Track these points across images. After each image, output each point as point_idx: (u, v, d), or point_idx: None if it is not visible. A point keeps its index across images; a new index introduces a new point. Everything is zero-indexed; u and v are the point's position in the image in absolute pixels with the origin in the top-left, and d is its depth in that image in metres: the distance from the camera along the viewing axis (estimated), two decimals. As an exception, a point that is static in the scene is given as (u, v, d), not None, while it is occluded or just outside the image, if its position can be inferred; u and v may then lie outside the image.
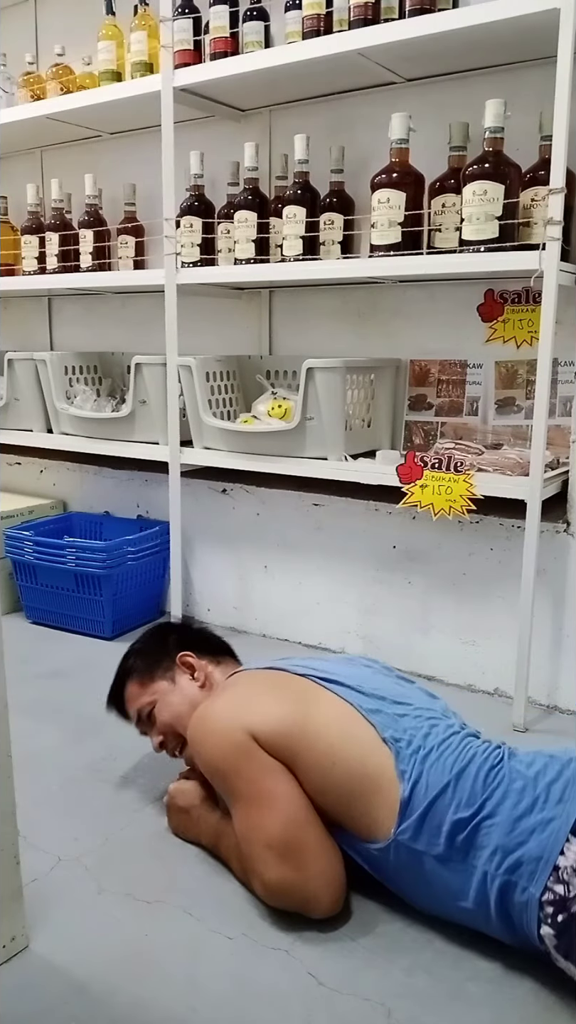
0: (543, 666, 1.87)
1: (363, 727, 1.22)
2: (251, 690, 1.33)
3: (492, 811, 1.10)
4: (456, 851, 1.11)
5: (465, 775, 1.14)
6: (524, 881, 1.05)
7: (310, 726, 1.22)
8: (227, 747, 1.21)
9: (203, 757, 1.26)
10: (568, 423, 1.85)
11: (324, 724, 1.22)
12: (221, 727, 1.24)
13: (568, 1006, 1.05)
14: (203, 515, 2.40)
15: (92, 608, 2.31)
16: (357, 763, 1.18)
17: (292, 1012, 1.04)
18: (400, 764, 1.16)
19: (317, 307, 2.28)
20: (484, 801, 1.11)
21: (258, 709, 1.25)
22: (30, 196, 2.56)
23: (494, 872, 1.08)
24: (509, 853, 1.07)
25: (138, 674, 1.46)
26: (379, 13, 1.78)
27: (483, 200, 1.66)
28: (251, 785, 1.19)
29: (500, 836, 1.08)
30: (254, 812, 1.19)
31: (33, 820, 1.39)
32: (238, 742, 1.20)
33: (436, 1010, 1.05)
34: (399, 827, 1.14)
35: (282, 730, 1.21)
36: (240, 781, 1.20)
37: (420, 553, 2.03)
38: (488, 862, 1.08)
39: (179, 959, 1.13)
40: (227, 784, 1.23)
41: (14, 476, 2.90)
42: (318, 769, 1.19)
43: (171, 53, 2.04)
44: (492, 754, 1.18)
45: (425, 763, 1.16)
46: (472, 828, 1.10)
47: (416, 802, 1.13)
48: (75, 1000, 1.06)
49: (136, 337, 2.67)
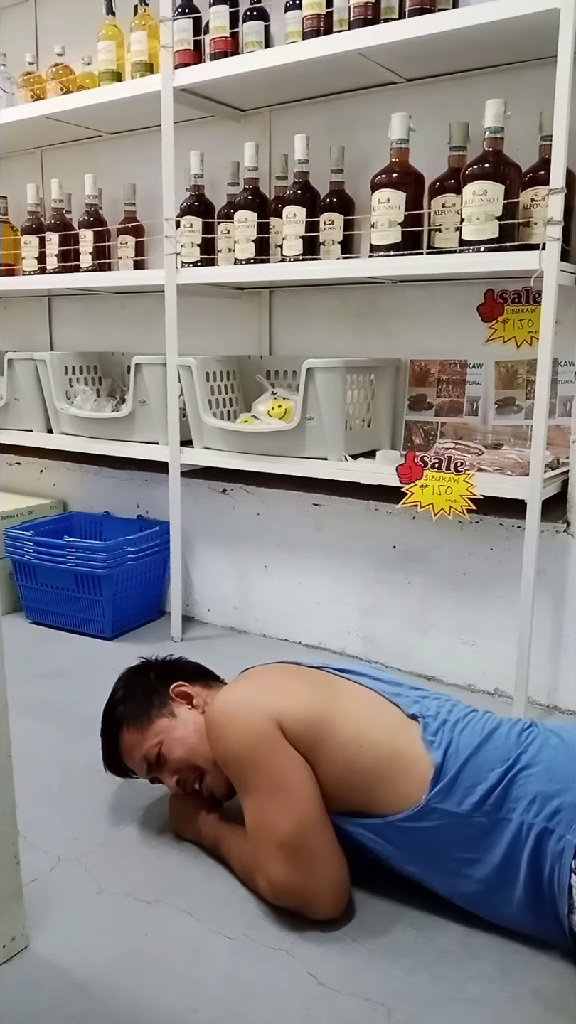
0: (543, 666, 1.87)
1: (387, 708, 1.24)
2: (273, 678, 1.32)
3: (529, 762, 1.13)
4: (491, 806, 1.11)
5: (496, 735, 1.19)
6: (562, 828, 1.07)
7: (337, 710, 1.21)
8: (251, 736, 1.18)
9: (224, 744, 1.22)
10: (568, 423, 1.85)
11: (350, 708, 1.23)
12: (246, 713, 1.21)
13: (568, 1006, 1.05)
14: (203, 515, 2.40)
15: (92, 608, 2.31)
16: (386, 743, 1.19)
17: (292, 1012, 1.04)
18: (428, 735, 1.18)
19: (317, 307, 2.28)
20: (519, 755, 1.14)
21: (284, 695, 1.23)
22: (30, 196, 2.56)
23: (531, 820, 1.09)
24: (548, 800, 1.09)
25: (133, 720, 1.35)
26: (379, 13, 1.78)
27: (483, 200, 1.66)
28: (270, 779, 1.18)
29: (539, 783, 1.11)
30: (268, 808, 1.17)
31: (33, 820, 1.40)
32: (263, 731, 1.18)
33: (436, 1010, 1.05)
34: (432, 791, 1.14)
35: (310, 716, 1.20)
36: (259, 773, 1.18)
37: (420, 553, 2.03)
38: (525, 811, 1.10)
39: (179, 959, 1.13)
40: (244, 774, 1.20)
41: (14, 476, 2.90)
42: (345, 753, 1.18)
43: (171, 53, 2.04)
44: (519, 722, 1.23)
45: (454, 731, 1.19)
46: (508, 780, 1.12)
47: (449, 765, 1.15)
48: (75, 1000, 1.06)
49: (136, 337, 2.67)
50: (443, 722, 1.21)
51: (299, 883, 1.16)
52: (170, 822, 1.41)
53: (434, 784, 1.14)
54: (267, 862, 1.18)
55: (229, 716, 1.22)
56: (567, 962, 1.11)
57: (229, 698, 1.27)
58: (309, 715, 1.20)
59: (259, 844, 1.19)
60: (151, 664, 1.45)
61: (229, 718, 1.22)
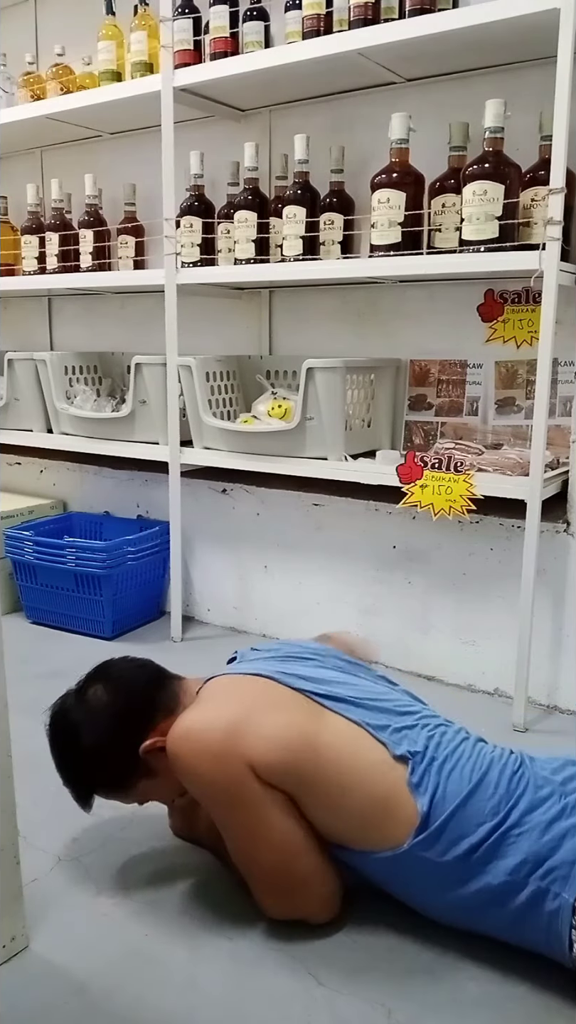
0: (543, 666, 1.87)
1: (373, 747, 1.14)
2: (244, 704, 1.17)
3: (519, 820, 1.07)
4: (476, 860, 1.07)
5: (485, 783, 1.11)
6: (557, 887, 1.03)
7: (320, 752, 1.12)
8: (219, 777, 1.11)
9: (190, 780, 1.15)
10: (568, 423, 1.85)
11: (333, 750, 1.13)
12: (214, 752, 1.11)
13: (568, 1006, 1.05)
14: (203, 515, 2.40)
15: (92, 608, 2.31)
16: (370, 787, 1.12)
17: (292, 1012, 1.04)
18: (414, 777, 1.11)
19: (317, 307, 2.28)
20: (510, 810, 1.08)
21: (258, 735, 1.11)
22: (30, 196, 2.56)
23: (523, 881, 1.04)
24: (542, 860, 1.04)
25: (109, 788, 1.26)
26: (379, 13, 1.78)
27: (483, 200, 1.66)
28: (244, 817, 1.13)
29: (531, 843, 1.05)
30: (247, 845, 1.16)
31: (33, 820, 1.39)
32: (232, 775, 1.10)
33: (436, 1010, 1.05)
34: (416, 839, 1.09)
35: (287, 760, 1.11)
36: (232, 812, 1.14)
37: (420, 553, 2.03)
38: (516, 871, 1.05)
39: (179, 959, 1.13)
40: (217, 812, 1.17)
41: (14, 476, 2.90)
42: (328, 798, 1.13)
43: (171, 53, 2.04)
44: (510, 760, 1.15)
45: (441, 773, 1.12)
46: (498, 837, 1.07)
47: (435, 814, 1.09)
48: (75, 1000, 1.06)
49: (136, 337, 2.67)
50: (431, 760, 1.13)
51: (289, 907, 1.18)
52: (171, 822, 1.41)
53: (419, 832, 1.09)
54: (254, 887, 1.19)
55: (195, 752, 1.12)
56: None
57: (197, 726, 1.14)
58: (287, 757, 1.11)
59: (244, 871, 1.19)
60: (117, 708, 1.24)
61: (195, 753, 1.12)
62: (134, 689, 1.27)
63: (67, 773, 1.26)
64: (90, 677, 1.31)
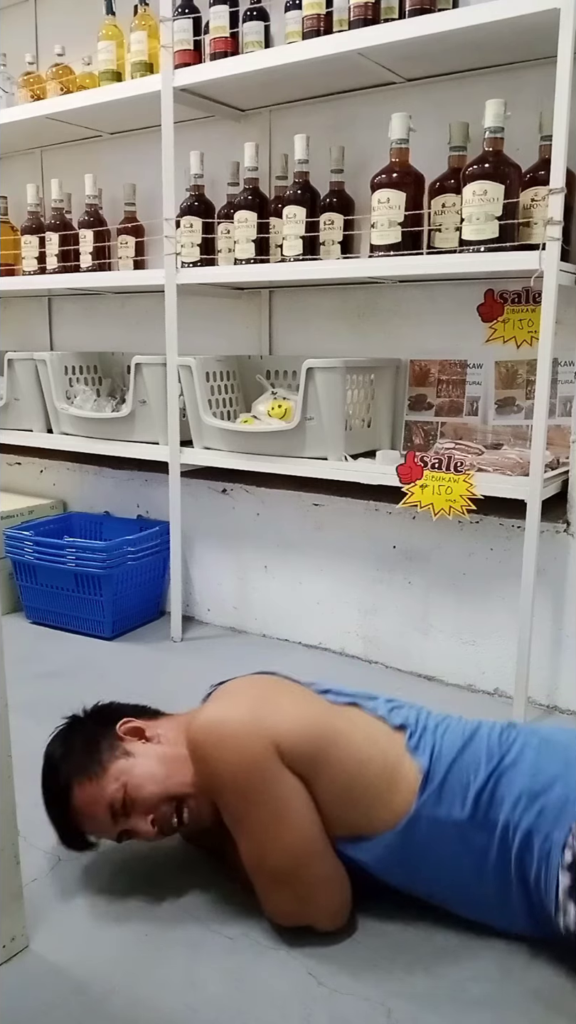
0: (543, 666, 1.87)
1: (373, 720, 1.21)
2: (264, 692, 1.22)
3: (513, 760, 1.13)
4: (479, 808, 1.10)
5: (478, 736, 1.17)
6: (547, 826, 1.07)
7: (336, 728, 1.16)
8: (246, 762, 1.09)
9: (213, 769, 1.12)
10: (568, 423, 1.85)
11: (345, 724, 1.18)
12: (242, 735, 1.10)
13: (568, 1006, 1.05)
14: (203, 515, 2.40)
15: (92, 608, 2.31)
16: (381, 757, 1.16)
17: (292, 1012, 1.04)
18: (411, 742, 1.17)
19: (317, 307, 2.28)
20: (503, 755, 1.14)
21: (281, 713, 1.15)
22: (30, 196, 2.56)
23: (517, 820, 1.09)
24: (534, 798, 1.09)
25: (83, 773, 1.19)
26: (379, 13, 1.78)
27: (483, 200, 1.66)
28: (264, 809, 1.10)
29: (523, 781, 1.10)
30: (264, 840, 1.12)
31: (33, 820, 1.39)
32: (259, 758, 1.09)
33: (436, 1010, 1.05)
34: (421, 797, 1.12)
35: (311, 735, 1.13)
36: (253, 804, 1.11)
37: (420, 553, 2.03)
38: (512, 811, 1.09)
39: (179, 959, 1.13)
40: (237, 803, 1.12)
41: (14, 476, 2.90)
42: (346, 772, 1.14)
43: (171, 53, 2.04)
44: (497, 724, 1.22)
45: (436, 734, 1.18)
46: (495, 780, 1.11)
47: (436, 769, 1.13)
48: (75, 1000, 1.06)
49: (136, 337, 2.67)
50: (424, 728, 1.19)
51: (297, 912, 1.16)
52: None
53: (423, 790, 1.12)
54: (263, 890, 1.16)
55: (219, 737, 1.11)
56: (567, 962, 1.11)
57: (219, 715, 1.15)
58: (311, 733, 1.14)
59: (256, 875, 1.15)
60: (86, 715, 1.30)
61: (219, 739, 1.11)
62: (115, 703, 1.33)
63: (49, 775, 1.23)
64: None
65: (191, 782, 1.18)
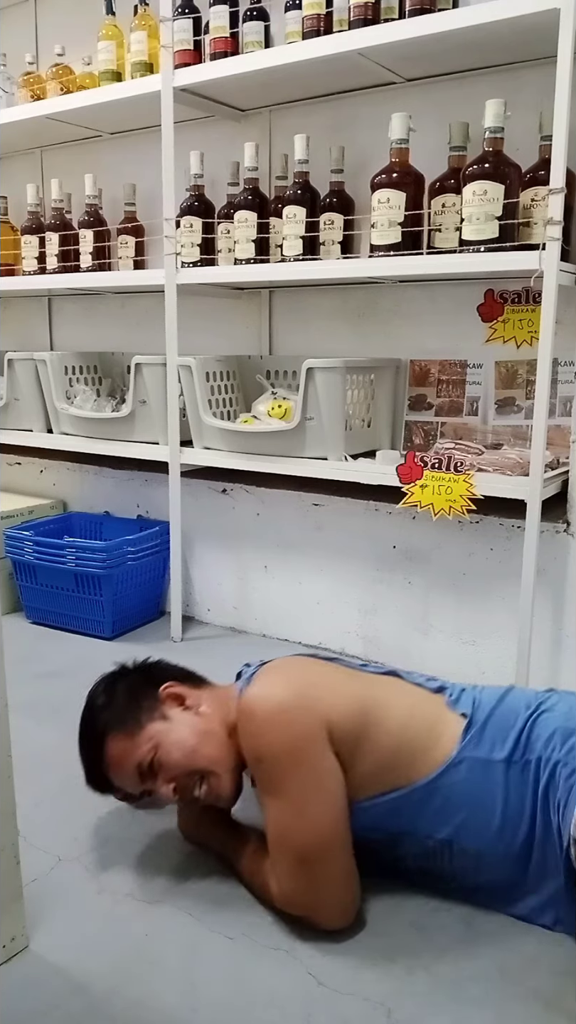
0: (543, 666, 1.86)
1: (413, 688, 1.28)
2: (312, 671, 1.26)
3: (550, 707, 1.19)
4: (518, 748, 1.15)
5: (514, 691, 1.25)
6: (575, 762, 1.10)
7: (379, 697, 1.22)
8: (297, 737, 1.12)
9: (264, 740, 1.13)
10: (568, 423, 1.85)
11: (386, 693, 1.24)
12: (295, 710, 1.13)
13: (568, 1006, 1.05)
14: (203, 515, 2.40)
15: (92, 608, 2.31)
16: (421, 716, 1.21)
17: (292, 1012, 1.04)
18: (451, 699, 1.24)
19: (317, 307, 2.28)
20: (541, 702, 1.21)
21: (330, 691, 1.19)
22: (30, 196, 2.56)
23: (548, 754, 1.13)
24: (569, 735, 1.13)
25: (120, 727, 1.24)
26: (379, 13, 1.78)
27: (483, 200, 1.66)
28: (304, 786, 1.13)
29: (558, 721, 1.16)
30: (296, 815, 1.13)
31: (33, 820, 1.40)
32: (310, 734, 1.13)
33: (436, 1010, 1.05)
34: (463, 741, 1.17)
35: (358, 708, 1.18)
36: (294, 778, 1.13)
37: (420, 553, 2.03)
38: (544, 747, 1.14)
39: (179, 959, 1.13)
40: (279, 775, 1.13)
41: (14, 476, 2.90)
42: (389, 738, 1.18)
43: (171, 53, 2.04)
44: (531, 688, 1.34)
45: (475, 691, 1.25)
46: (532, 723, 1.17)
47: (478, 715, 1.20)
48: (75, 1000, 1.06)
49: (136, 337, 2.67)
50: (461, 689, 1.27)
51: (310, 898, 1.15)
52: (179, 824, 1.39)
53: (465, 733, 1.18)
54: (283, 869, 1.16)
55: (275, 710, 1.14)
56: (567, 962, 1.11)
57: (274, 690, 1.18)
58: (358, 707, 1.18)
59: (278, 851, 1.16)
60: (132, 669, 1.35)
61: (275, 712, 1.14)
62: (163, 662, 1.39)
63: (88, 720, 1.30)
64: None
65: (218, 759, 1.22)
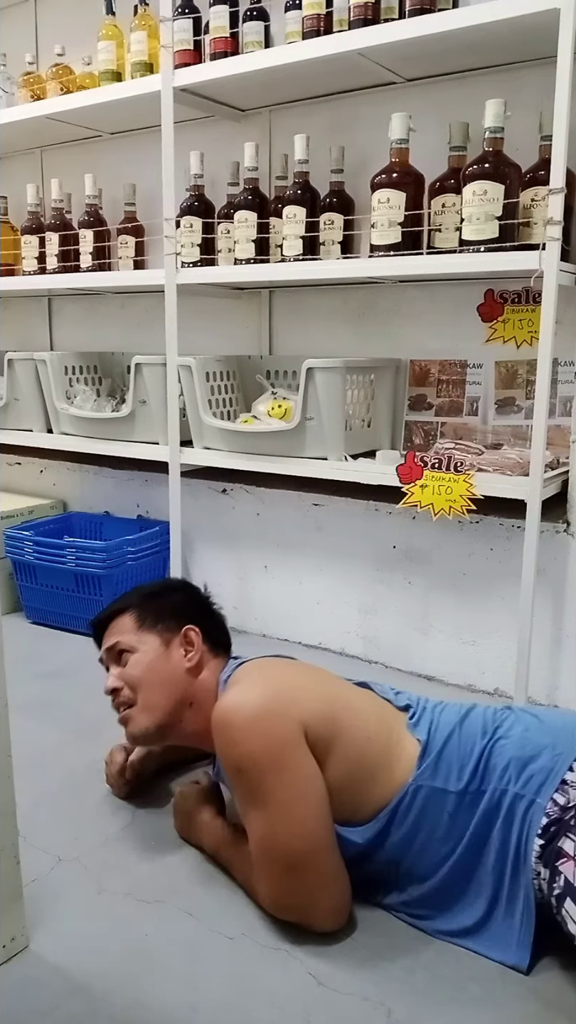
0: (543, 666, 1.87)
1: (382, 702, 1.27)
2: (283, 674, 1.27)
3: (505, 733, 1.18)
4: (475, 779, 1.14)
5: (474, 714, 1.23)
6: (532, 794, 1.10)
7: (349, 702, 1.23)
8: (275, 743, 1.11)
9: (242, 750, 1.12)
10: (568, 423, 1.85)
11: (356, 700, 1.25)
12: (269, 716, 1.12)
13: (568, 1006, 1.05)
14: (203, 515, 2.40)
15: (92, 608, 2.28)
16: (385, 735, 1.20)
17: (292, 1012, 1.04)
18: (412, 720, 1.22)
19: (317, 307, 2.28)
20: (496, 727, 1.19)
21: (303, 692, 1.19)
22: (30, 196, 2.56)
23: (504, 786, 1.12)
24: (523, 766, 1.13)
25: (139, 614, 1.37)
26: (379, 13, 1.78)
27: (483, 200, 1.66)
28: (287, 794, 1.11)
29: (513, 750, 1.15)
30: (280, 823, 1.11)
31: (33, 820, 1.40)
32: (289, 739, 1.11)
33: (436, 1010, 1.05)
34: (419, 769, 1.16)
35: (329, 712, 1.18)
36: (277, 786, 1.11)
37: (420, 553, 2.03)
38: (500, 778, 1.13)
39: (179, 959, 1.13)
40: (259, 784, 1.12)
41: (14, 476, 2.90)
42: (355, 746, 1.17)
43: (171, 53, 2.04)
44: (492, 706, 1.26)
45: (434, 712, 1.24)
46: (488, 752, 1.16)
47: (433, 742, 1.18)
48: (75, 1000, 1.06)
49: (136, 337, 2.67)
50: (423, 708, 1.25)
51: (301, 905, 1.15)
52: (175, 824, 1.40)
53: (421, 761, 1.17)
54: (268, 878, 1.15)
55: (251, 718, 1.13)
56: (567, 963, 1.11)
57: (248, 696, 1.16)
58: (328, 711, 1.18)
59: (263, 861, 1.15)
60: (196, 595, 1.47)
61: (251, 720, 1.13)
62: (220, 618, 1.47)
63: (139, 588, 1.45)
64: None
65: (154, 706, 1.31)
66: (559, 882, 1.04)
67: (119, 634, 1.36)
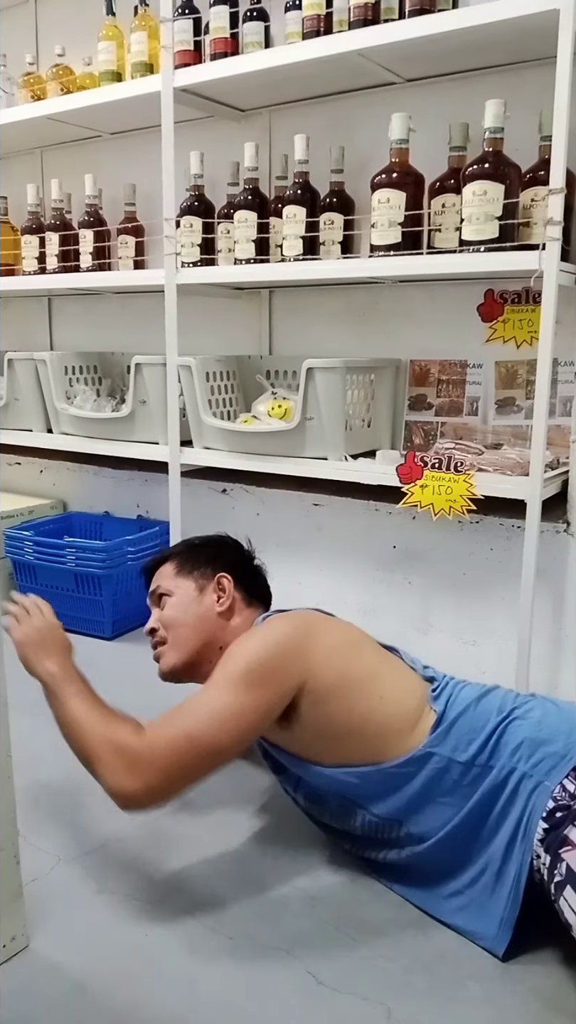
0: (543, 666, 1.86)
1: (407, 669, 1.33)
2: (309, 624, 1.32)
3: (522, 714, 1.21)
4: (483, 753, 1.17)
5: (492, 694, 1.27)
6: (541, 775, 1.12)
7: (369, 664, 1.28)
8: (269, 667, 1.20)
9: (244, 644, 1.25)
10: (568, 423, 1.85)
11: (379, 664, 1.30)
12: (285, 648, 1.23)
13: (568, 1006, 1.05)
14: (203, 515, 2.39)
15: (92, 608, 2.31)
16: (404, 701, 1.24)
17: (292, 1012, 1.04)
18: (433, 693, 1.27)
19: (317, 307, 2.28)
20: (514, 708, 1.22)
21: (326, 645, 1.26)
22: (30, 196, 2.56)
23: (514, 765, 1.14)
24: (536, 747, 1.15)
25: (179, 561, 1.49)
26: (379, 13, 1.78)
27: (483, 200, 1.66)
28: (242, 702, 1.17)
29: (528, 731, 1.17)
30: (215, 706, 1.17)
31: (33, 820, 1.40)
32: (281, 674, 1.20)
33: (436, 1010, 1.05)
34: (432, 735, 1.20)
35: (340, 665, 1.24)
36: (240, 688, 1.18)
37: (420, 553, 2.03)
38: (511, 756, 1.15)
39: (179, 959, 1.13)
40: (232, 673, 1.19)
41: (14, 476, 2.90)
42: (365, 703, 1.23)
43: (171, 53, 2.04)
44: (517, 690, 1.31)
45: (455, 688, 1.28)
46: (502, 730, 1.18)
47: (449, 713, 1.22)
48: (75, 1000, 1.06)
49: (136, 337, 2.67)
50: (446, 683, 1.30)
51: (139, 786, 1.14)
52: (15, 640, 1.36)
53: (434, 729, 1.20)
54: (164, 731, 1.16)
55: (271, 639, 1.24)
56: (567, 962, 1.11)
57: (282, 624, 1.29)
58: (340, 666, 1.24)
59: (180, 715, 1.17)
60: (236, 549, 1.56)
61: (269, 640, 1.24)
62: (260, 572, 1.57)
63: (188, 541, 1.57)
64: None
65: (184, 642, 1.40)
66: (560, 869, 1.04)
67: (160, 579, 1.48)
